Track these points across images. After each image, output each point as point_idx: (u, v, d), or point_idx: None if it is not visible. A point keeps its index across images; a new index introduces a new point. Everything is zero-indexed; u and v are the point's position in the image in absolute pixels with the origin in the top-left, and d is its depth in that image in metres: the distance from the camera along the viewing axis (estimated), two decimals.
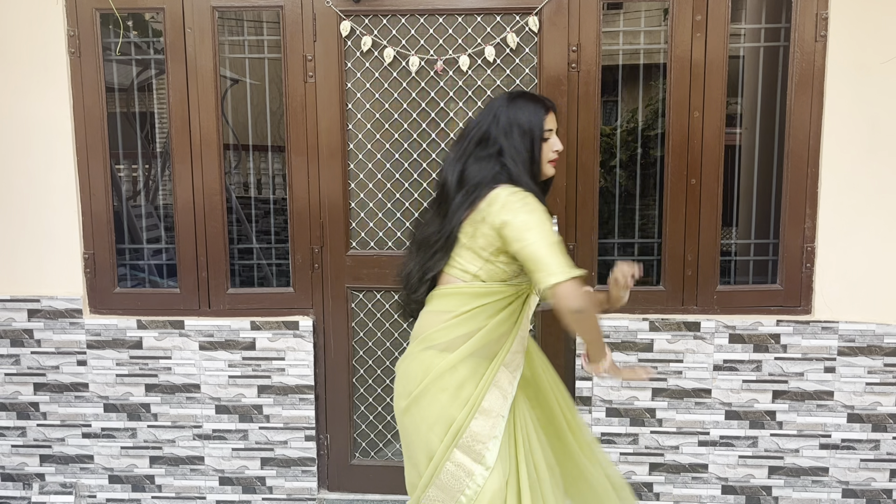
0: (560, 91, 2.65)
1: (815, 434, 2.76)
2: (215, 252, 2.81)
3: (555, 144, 1.93)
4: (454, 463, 1.83)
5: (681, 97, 2.65)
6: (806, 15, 2.60)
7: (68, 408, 2.90)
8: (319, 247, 2.80)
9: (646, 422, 2.79)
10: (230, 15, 2.93)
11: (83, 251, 2.83)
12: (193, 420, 2.88)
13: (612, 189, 3.28)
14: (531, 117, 1.88)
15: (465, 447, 1.83)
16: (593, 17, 2.62)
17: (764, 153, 2.92)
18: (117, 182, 3.32)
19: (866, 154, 2.63)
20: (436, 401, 1.86)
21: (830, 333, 2.70)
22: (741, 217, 3.27)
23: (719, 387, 2.76)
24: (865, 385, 2.72)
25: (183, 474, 2.92)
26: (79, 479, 2.94)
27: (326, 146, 2.74)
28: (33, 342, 2.86)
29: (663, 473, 2.82)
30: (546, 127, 1.89)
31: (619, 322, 2.74)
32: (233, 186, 4.50)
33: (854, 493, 2.78)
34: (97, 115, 2.75)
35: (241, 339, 2.82)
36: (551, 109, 1.94)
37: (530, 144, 1.88)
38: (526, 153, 1.88)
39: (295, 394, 2.84)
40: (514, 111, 1.89)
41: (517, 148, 1.87)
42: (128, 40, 2.84)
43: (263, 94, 3.09)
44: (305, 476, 2.89)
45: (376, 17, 2.68)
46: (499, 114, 1.90)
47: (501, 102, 1.92)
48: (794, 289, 2.72)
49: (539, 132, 1.88)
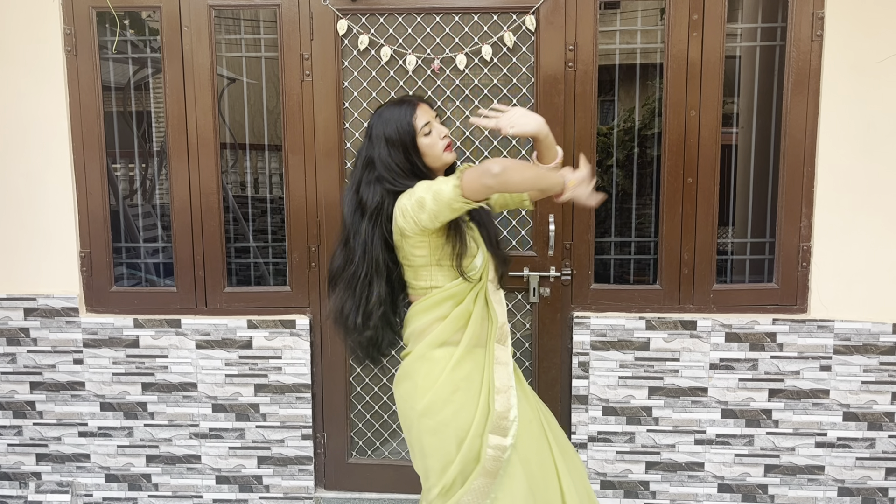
0: (557, 90, 2.66)
1: (811, 432, 2.77)
2: (212, 251, 2.81)
3: (439, 133, 1.93)
4: (492, 447, 1.87)
5: (677, 96, 2.66)
6: (802, 14, 2.60)
7: (65, 406, 2.90)
8: (316, 245, 2.80)
9: (642, 420, 2.80)
10: (227, 13, 2.93)
11: (80, 250, 2.82)
12: (190, 419, 2.88)
13: (609, 188, 3.28)
14: (397, 124, 1.89)
15: (495, 428, 1.88)
16: (590, 17, 2.63)
17: (760, 152, 2.93)
18: (114, 181, 3.32)
19: (862, 153, 2.64)
20: (451, 402, 1.90)
21: (826, 332, 2.71)
22: (737, 216, 3.27)
23: (715, 385, 2.76)
24: (861, 383, 2.73)
25: (179, 473, 2.92)
26: (75, 477, 2.94)
27: (323, 145, 2.74)
28: (29, 341, 2.86)
29: (659, 472, 2.82)
30: (419, 124, 1.90)
31: (615, 321, 2.74)
32: (229, 185, 4.49)
33: (850, 491, 2.79)
34: (94, 113, 2.75)
35: (237, 338, 2.82)
36: (420, 103, 1.93)
37: (404, 149, 1.90)
38: (402, 160, 1.90)
39: (292, 392, 2.84)
40: (381, 125, 1.92)
41: (391, 160, 1.89)
42: (124, 39, 2.83)
43: (260, 93, 3.08)
44: (302, 475, 2.89)
45: (373, 15, 2.68)
46: (371, 133, 1.94)
47: (371, 121, 1.96)
48: (790, 288, 2.73)
49: (409, 134, 1.89)
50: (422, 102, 1.96)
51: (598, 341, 2.75)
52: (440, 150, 1.93)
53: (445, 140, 1.94)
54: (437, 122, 1.95)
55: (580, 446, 2.82)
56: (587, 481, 2.11)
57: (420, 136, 1.91)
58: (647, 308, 2.76)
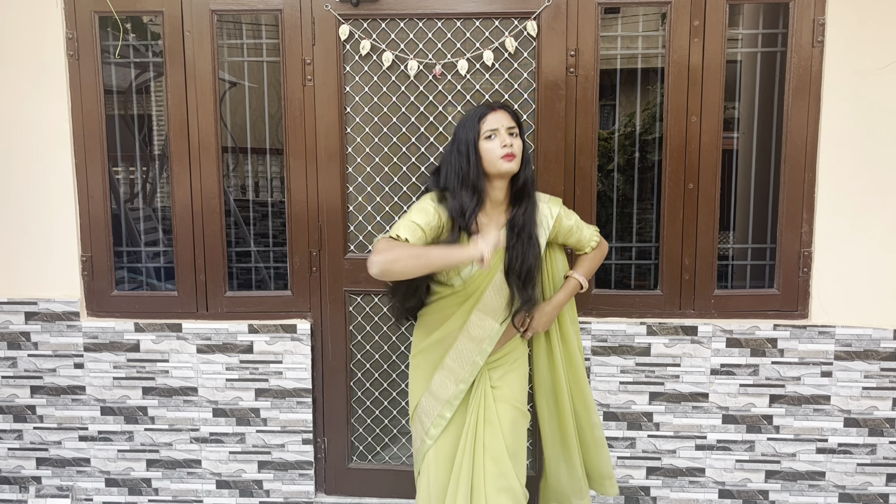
0: (558, 95, 2.66)
1: (812, 438, 2.77)
2: (213, 255, 2.81)
3: (502, 140, 1.97)
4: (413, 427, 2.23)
5: (678, 101, 2.66)
6: (803, 20, 2.61)
7: (65, 411, 2.89)
8: (317, 250, 2.80)
9: (643, 426, 2.79)
10: (229, 18, 2.93)
11: (81, 254, 2.82)
12: (191, 423, 2.88)
13: (610, 193, 3.29)
14: (467, 128, 2.00)
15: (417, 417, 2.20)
16: (591, 22, 2.63)
17: (761, 158, 2.93)
18: (115, 185, 3.32)
19: (863, 159, 2.64)
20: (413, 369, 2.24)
21: (827, 338, 2.71)
22: (738, 221, 3.28)
23: (716, 391, 2.76)
24: (862, 389, 2.73)
25: (180, 477, 2.91)
26: (75, 482, 2.94)
27: (325, 149, 2.75)
28: (30, 345, 2.86)
29: (660, 477, 2.82)
30: (485, 128, 1.98)
31: (616, 326, 2.74)
32: (231, 189, 4.50)
33: (851, 497, 2.79)
34: (95, 117, 2.75)
35: (238, 343, 2.82)
36: (493, 110, 2.01)
37: (466, 152, 1.97)
38: (464, 164, 1.97)
39: (292, 397, 2.84)
40: (458, 130, 2.03)
41: (454, 163, 2.00)
42: (126, 43, 2.84)
43: (262, 98, 3.09)
44: (303, 479, 2.89)
45: (375, 20, 2.69)
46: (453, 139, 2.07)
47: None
48: (790, 293, 2.73)
49: (473, 137, 1.98)
50: (500, 109, 2.02)
51: (599, 346, 2.75)
52: (497, 156, 1.97)
53: (506, 149, 1.96)
54: (506, 133, 1.99)
55: None
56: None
57: (482, 138, 1.98)
58: (647, 313, 2.76)
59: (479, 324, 2.09)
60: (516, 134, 2.02)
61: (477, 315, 2.08)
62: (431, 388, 2.16)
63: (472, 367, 2.11)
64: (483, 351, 2.10)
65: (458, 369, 2.12)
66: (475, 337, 2.09)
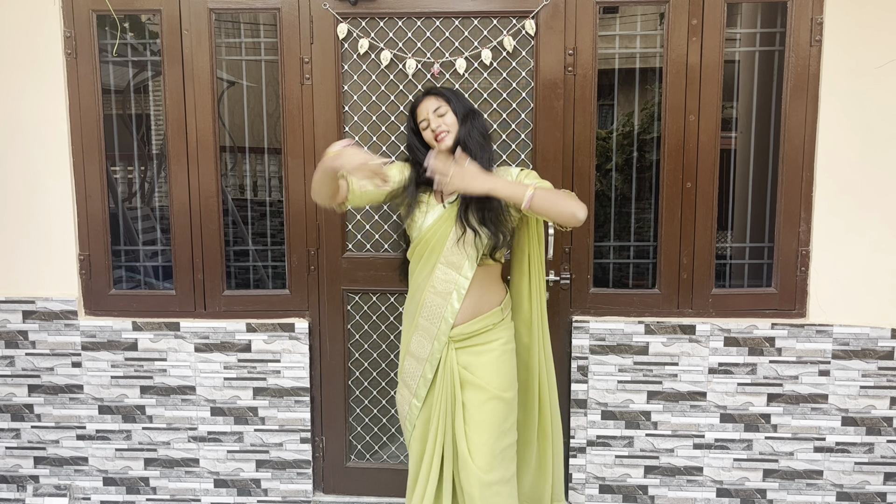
0: (556, 94, 2.66)
1: (810, 437, 2.77)
2: (211, 254, 2.81)
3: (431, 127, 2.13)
4: (400, 393, 2.31)
5: (677, 101, 2.66)
6: (801, 20, 2.61)
7: (63, 410, 2.89)
8: (315, 249, 2.80)
9: (641, 425, 2.80)
10: (227, 17, 2.93)
11: (79, 253, 2.82)
12: (188, 422, 2.88)
13: (608, 192, 3.28)
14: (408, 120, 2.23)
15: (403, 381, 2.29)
16: (590, 21, 2.63)
17: (759, 157, 2.93)
18: (113, 184, 3.31)
19: (861, 158, 2.64)
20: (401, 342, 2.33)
21: (825, 337, 2.71)
22: (736, 221, 3.28)
23: (714, 390, 2.76)
24: (860, 388, 2.73)
25: (178, 476, 2.91)
26: (73, 481, 2.94)
27: (323, 148, 2.72)
28: (28, 344, 2.85)
29: (658, 476, 2.82)
30: (419, 120, 2.16)
31: (614, 325, 2.74)
32: (229, 188, 4.50)
33: (848, 496, 2.79)
34: (93, 116, 2.75)
35: (236, 341, 2.82)
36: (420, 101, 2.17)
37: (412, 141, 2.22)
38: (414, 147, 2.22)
39: (290, 396, 2.84)
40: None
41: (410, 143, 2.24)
42: (124, 42, 2.84)
43: (260, 97, 3.09)
44: (301, 478, 2.89)
45: (373, 19, 2.69)
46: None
47: None
48: (788, 292, 2.73)
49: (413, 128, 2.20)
50: (425, 96, 2.17)
51: (597, 345, 2.76)
52: (432, 139, 2.15)
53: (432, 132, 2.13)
54: (434, 116, 2.13)
55: (579, 450, 2.82)
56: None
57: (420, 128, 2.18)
58: (646, 312, 2.76)
59: (444, 277, 2.15)
60: (445, 112, 2.13)
61: (441, 269, 2.15)
62: (411, 349, 2.24)
63: (444, 325, 2.15)
64: (451, 307, 2.14)
65: (430, 327, 2.18)
66: (441, 292, 2.15)
